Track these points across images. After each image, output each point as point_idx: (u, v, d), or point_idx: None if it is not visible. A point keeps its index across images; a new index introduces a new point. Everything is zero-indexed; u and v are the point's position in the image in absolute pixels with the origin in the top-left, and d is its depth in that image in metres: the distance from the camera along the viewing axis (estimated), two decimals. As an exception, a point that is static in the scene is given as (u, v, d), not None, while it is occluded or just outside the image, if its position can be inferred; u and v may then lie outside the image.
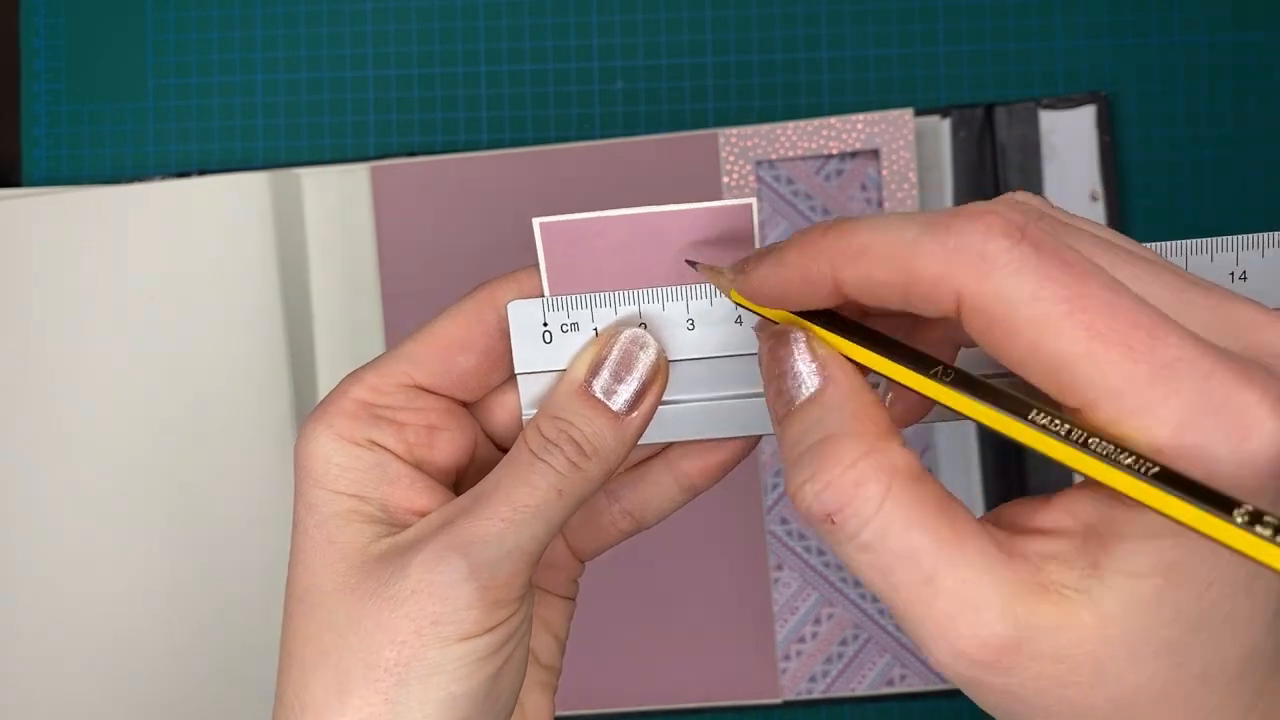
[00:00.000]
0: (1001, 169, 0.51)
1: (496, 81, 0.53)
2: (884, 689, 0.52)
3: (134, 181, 0.53)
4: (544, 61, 0.53)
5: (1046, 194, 0.51)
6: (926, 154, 0.52)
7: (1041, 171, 0.51)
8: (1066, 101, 0.52)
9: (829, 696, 0.51)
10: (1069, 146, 0.52)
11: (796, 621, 0.52)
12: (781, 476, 0.51)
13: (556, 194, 0.52)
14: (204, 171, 0.53)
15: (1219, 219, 0.52)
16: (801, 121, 0.51)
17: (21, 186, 0.54)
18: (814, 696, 0.51)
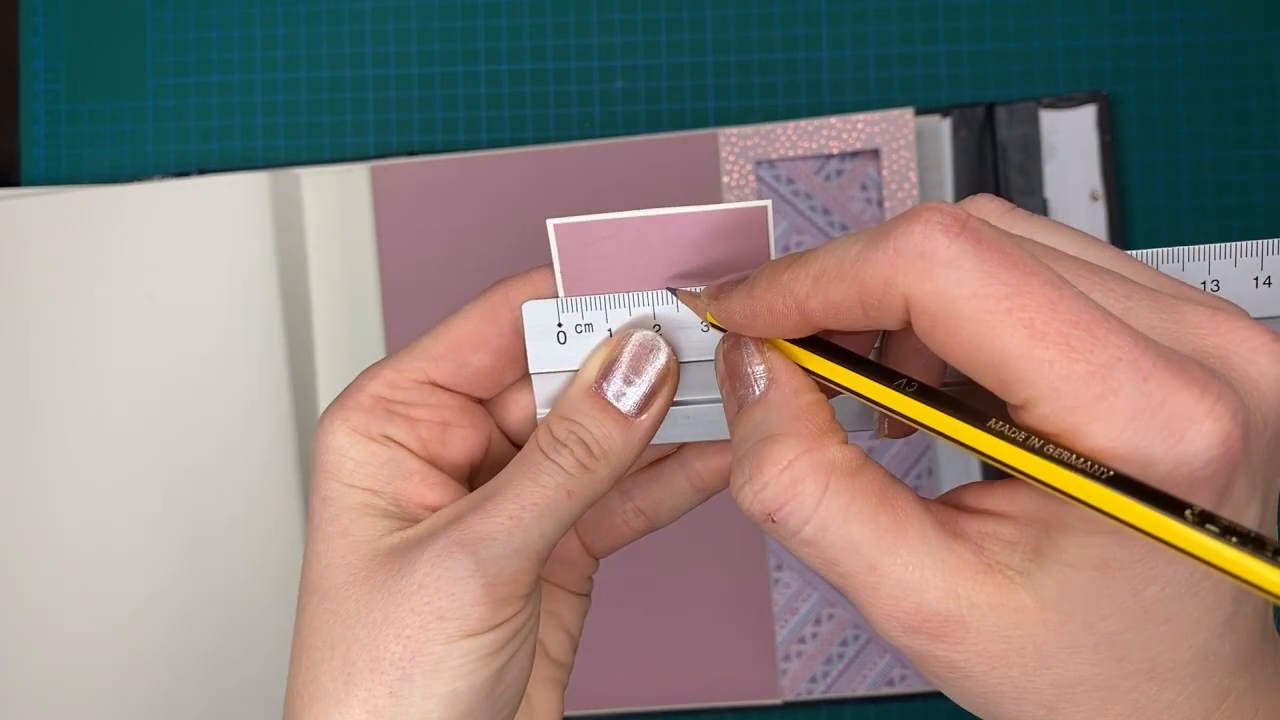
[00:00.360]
0: (1002, 169, 0.51)
1: (496, 81, 0.53)
2: (884, 689, 0.51)
3: (133, 181, 0.52)
4: (544, 61, 0.53)
5: (1046, 194, 0.51)
6: (927, 154, 0.52)
7: (1042, 171, 0.51)
8: (1067, 101, 0.52)
9: (829, 697, 0.51)
10: (1069, 146, 0.52)
11: (797, 622, 0.52)
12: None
13: (557, 194, 0.52)
14: (203, 171, 0.53)
15: (1219, 219, 0.52)
16: (801, 121, 0.51)
17: (20, 186, 0.53)
18: (814, 697, 0.51)
